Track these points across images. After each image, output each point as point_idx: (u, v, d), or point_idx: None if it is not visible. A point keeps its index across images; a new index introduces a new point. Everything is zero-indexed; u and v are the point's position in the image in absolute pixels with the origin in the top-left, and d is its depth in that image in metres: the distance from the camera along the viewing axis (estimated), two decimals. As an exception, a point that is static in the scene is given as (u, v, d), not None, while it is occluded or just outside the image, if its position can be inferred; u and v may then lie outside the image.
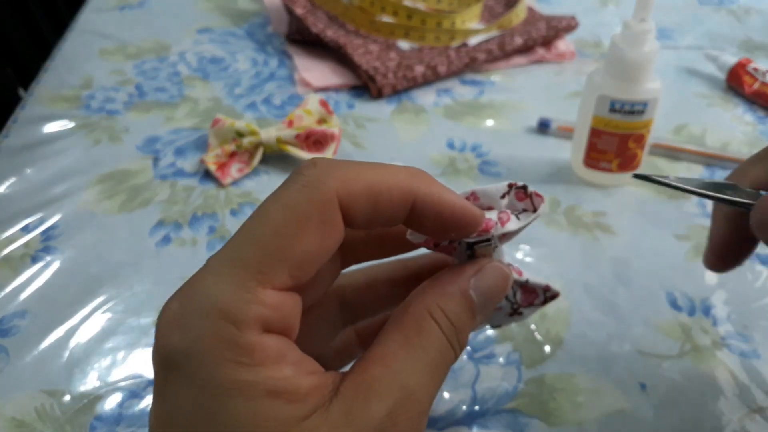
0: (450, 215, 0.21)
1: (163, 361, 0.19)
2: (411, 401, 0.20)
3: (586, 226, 0.44)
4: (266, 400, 0.18)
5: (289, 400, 0.18)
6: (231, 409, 0.18)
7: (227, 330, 0.18)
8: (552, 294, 0.27)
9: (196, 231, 0.43)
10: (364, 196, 0.20)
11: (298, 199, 0.19)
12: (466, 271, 0.23)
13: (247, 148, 0.49)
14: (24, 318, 0.37)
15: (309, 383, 0.19)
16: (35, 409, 0.32)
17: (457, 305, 0.22)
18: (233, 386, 0.18)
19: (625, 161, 0.45)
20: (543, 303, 0.27)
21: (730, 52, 0.65)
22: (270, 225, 0.19)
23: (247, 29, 0.69)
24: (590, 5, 0.75)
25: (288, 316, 0.20)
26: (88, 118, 0.54)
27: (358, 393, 0.19)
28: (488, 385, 0.33)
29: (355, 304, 0.27)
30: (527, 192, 0.24)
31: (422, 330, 0.21)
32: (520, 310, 0.26)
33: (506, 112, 0.56)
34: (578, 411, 0.32)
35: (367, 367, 0.20)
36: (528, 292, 0.27)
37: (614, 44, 0.42)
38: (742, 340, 0.36)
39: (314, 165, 0.20)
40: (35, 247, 0.42)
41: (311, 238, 0.19)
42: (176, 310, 0.19)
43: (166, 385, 0.19)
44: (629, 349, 0.35)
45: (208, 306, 0.19)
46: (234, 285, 0.19)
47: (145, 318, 0.37)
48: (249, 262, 0.19)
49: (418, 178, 0.21)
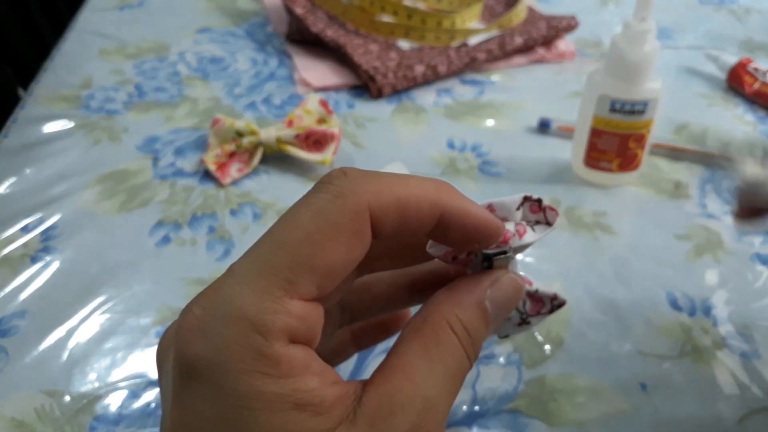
0: (474, 227, 0.21)
1: (184, 368, 0.18)
2: (432, 412, 0.20)
3: (586, 226, 0.44)
4: (293, 413, 0.18)
5: (315, 412, 0.18)
6: (256, 421, 0.18)
7: (254, 340, 0.18)
8: (559, 303, 0.27)
9: (195, 231, 0.43)
10: (394, 207, 0.20)
11: (330, 208, 0.19)
12: (482, 282, 0.23)
13: (246, 148, 0.48)
14: (23, 318, 0.37)
15: (333, 394, 0.19)
16: (35, 410, 0.32)
17: (474, 316, 0.22)
18: (259, 398, 0.18)
19: (626, 161, 0.45)
20: (550, 312, 0.27)
21: (731, 52, 0.64)
22: (301, 232, 0.19)
23: (247, 29, 0.69)
24: (590, 5, 0.75)
25: (312, 327, 0.19)
26: (88, 118, 0.54)
27: (382, 405, 0.19)
28: (488, 386, 0.33)
29: (354, 305, 0.27)
30: (542, 205, 0.25)
31: (441, 341, 0.21)
32: (528, 319, 0.27)
33: (506, 112, 0.56)
34: (578, 411, 0.32)
35: (389, 378, 0.20)
36: (536, 301, 0.27)
37: (614, 44, 0.42)
38: (742, 341, 0.36)
39: (345, 175, 0.20)
40: (35, 247, 0.42)
41: (341, 248, 0.19)
42: (199, 316, 0.19)
43: (187, 394, 0.18)
44: (629, 349, 0.35)
45: (234, 314, 0.18)
46: (262, 293, 0.18)
47: (145, 318, 0.37)
48: (277, 269, 0.19)
49: (445, 190, 0.21)
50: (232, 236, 0.42)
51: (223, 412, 0.18)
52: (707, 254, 0.42)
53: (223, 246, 0.41)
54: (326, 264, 0.19)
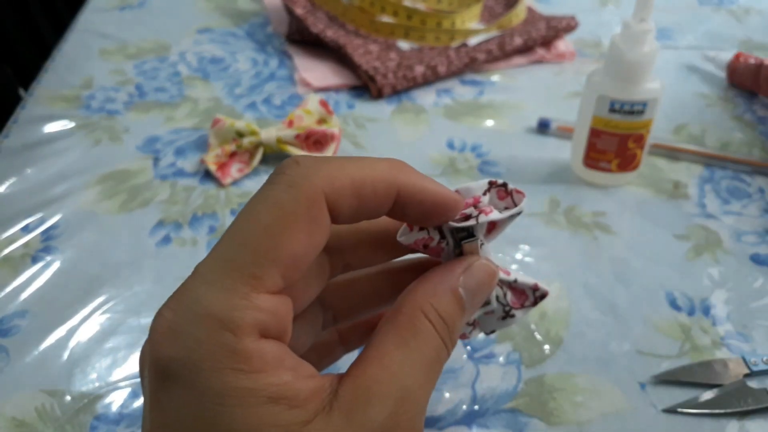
0: (431, 201, 0.22)
1: (159, 371, 0.19)
2: (410, 401, 0.20)
3: (585, 226, 0.44)
4: (267, 407, 0.18)
5: (289, 405, 0.18)
6: (232, 417, 0.18)
7: (224, 337, 0.18)
8: (541, 293, 0.27)
9: (196, 231, 0.43)
10: (349, 190, 0.20)
11: (285, 199, 0.19)
12: (455, 269, 0.23)
13: (247, 148, 0.49)
14: (24, 318, 0.37)
15: (308, 387, 0.19)
16: (35, 409, 0.32)
17: (448, 303, 0.22)
18: (233, 394, 0.18)
19: (625, 161, 0.45)
20: (534, 303, 0.27)
21: (731, 52, 0.65)
22: (259, 225, 0.19)
23: (247, 29, 0.69)
24: (590, 5, 0.75)
25: (282, 320, 0.19)
26: (89, 118, 0.54)
27: (358, 395, 0.19)
28: (488, 385, 0.33)
29: (337, 305, 0.27)
30: (507, 189, 0.25)
31: (417, 330, 0.21)
32: (512, 312, 0.26)
33: (506, 112, 0.56)
34: (578, 411, 0.32)
35: (365, 369, 0.20)
36: (517, 293, 0.27)
37: (614, 44, 0.42)
38: (741, 340, 0.36)
39: (297, 163, 0.20)
40: (35, 247, 0.42)
41: (300, 236, 0.19)
42: (170, 319, 0.19)
43: (163, 395, 0.19)
44: (629, 348, 0.35)
45: (203, 313, 0.18)
46: (227, 291, 0.18)
47: (145, 318, 0.37)
48: (240, 265, 0.19)
49: (399, 168, 0.21)
50: (232, 236, 0.43)
51: (199, 410, 0.18)
52: (706, 254, 0.42)
53: (224, 246, 0.41)
54: (287, 254, 0.19)
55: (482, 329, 0.27)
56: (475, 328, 0.27)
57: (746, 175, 0.49)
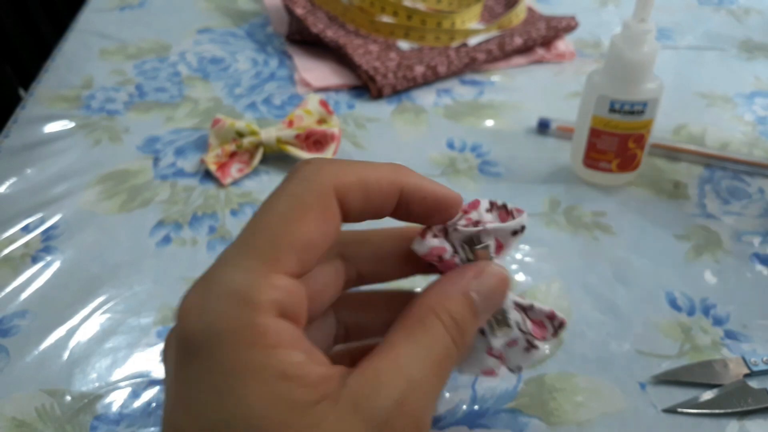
0: (433, 199, 0.23)
1: (182, 345, 0.20)
2: (417, 393, 0.20)
3: (585, 226, 0.44)
4: (279, 382, 0.19)
5: (300, 384, 0.19)
6: (245, 390, 0.18)
7: (244, 312, 0.19)
8: (559, 322, 0.27)
9: (196, 231, 0.43)
10: (357, 186, 0.22)
11: (299, 190, 0.21)
12: (466, 273, 0.24)
13: (247, 148, 0.49)
14: (24, 318, 0.37)
15: (319, 372, 0.20)
16: (35, 409, 0.32)
17: (459, 305, 0.23)
18: (248, 367, 0.19)
19: (625, 161, 0.45)
20: (554, 334, 0.27)
21: (730, 52, 0.65)
22: (276, 214, 0.21)
23: (247, 29, 0.69)
24: (590, 5, 0.75)
25: (298, 303, 0.21)
26: (89, 118, 0.54)
27: (366, 384, 0.20)
28: (488, 385, 0.33)
29: (350, 321, 0.28)
30: (508, 209, 0.26)
31: (427, 327, 0.22)
32: (535, 343, 0.27)
33: (506, 112, 0.56)
34: (578, 411, 0.32)
35: (373, 361, 0.21)
36: (537, 324, 0.27)
37: (614, 44, 0.42)
38: (741, 340, 0.36)
39: (309, 163, 0.22)
40: (35, 247, 0.42)
41: (314, 224, 0.21)
42: (195, 297, 0.20)
43: (185, 368, 0.19)
44: (629, 348, 0.36)
45: (224, 291, 0.19)
46: (248, 271, 0.20)
47: (146, 318, 0.37)
48: (260, 249, 0.20)
49: (401, 170, 0.23)
50: (232, 236, 0.43)
51: (215, 382, 0.19)
52: (706, 254, 0.42)
53: (224, 246, 0.41)
54: (302, 239, 0.21)
55: (509, 365, 0.28)
56: (502, 364, 0.27)
57: (746, 175, 0.49)
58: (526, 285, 0.39)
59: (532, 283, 0.39)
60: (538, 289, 0.39)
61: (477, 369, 0.27)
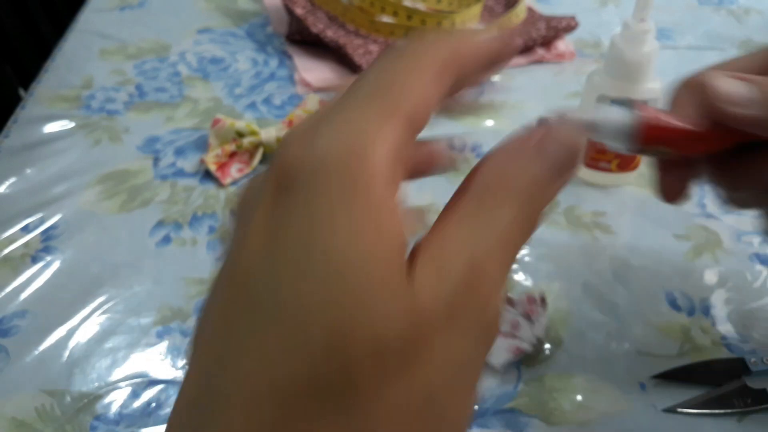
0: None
1: (281, 177, 0.18)
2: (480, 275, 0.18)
3: (585, 226, 0.44)
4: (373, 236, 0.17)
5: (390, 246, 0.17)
6: (335, 235, 0.16)
7: (356, 154, 0.17)
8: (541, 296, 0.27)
9: (196, 231, 0.43)
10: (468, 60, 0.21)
11: (420, 50, 0.20)
12: (533, 134, 0.22)
13: (247, 149, 0.49)
14: (24, 318, 0.37)
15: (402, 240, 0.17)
16: (35, 409, 0.32)
17: (526, 168, 0.21)
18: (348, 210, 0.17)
19: (625, 161, 0.45)
20: (542, 302, 0.27)
21: (730, 52, 0.65)
22: (387, 73, 0.19)
23: (247, 29, 0.69)
24: (590, 5, 0.75)
25: (405, 161, 0.19)
26: (89, 118, 0.54)
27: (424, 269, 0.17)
28: (488, 385, 0.33)
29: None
30: None
31: (488, 196, 0.20)
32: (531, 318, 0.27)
33: (506, 112, 0.56)
34: (578, 411, 0.32)
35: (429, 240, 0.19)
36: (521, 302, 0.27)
37: (614, 44, 0.42)
38: (741, 340, 0.36)
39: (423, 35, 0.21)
40: (35, 247, 0.42)
41: (431, 86, 0.19)
42: (304, 130, 0.18)
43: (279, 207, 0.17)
44: (629, 349, 0.35)
45: (339, 131, 0.18)
46: (367, 116, 0.18)
47: (146, 318, 0.37)
48: (380, 98, 0.19)
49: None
50: (232, 236, 0.43)
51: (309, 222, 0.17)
52: (706, 254, 0.42)
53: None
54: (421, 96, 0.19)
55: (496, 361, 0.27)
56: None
57: (746, 175, 0.49)
58: (526, 285, 0.39)
59: (531, 283, 0.39)
60: (538, 289, 0.39)
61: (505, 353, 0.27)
